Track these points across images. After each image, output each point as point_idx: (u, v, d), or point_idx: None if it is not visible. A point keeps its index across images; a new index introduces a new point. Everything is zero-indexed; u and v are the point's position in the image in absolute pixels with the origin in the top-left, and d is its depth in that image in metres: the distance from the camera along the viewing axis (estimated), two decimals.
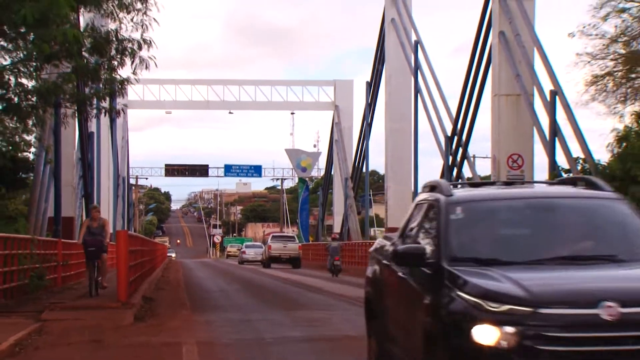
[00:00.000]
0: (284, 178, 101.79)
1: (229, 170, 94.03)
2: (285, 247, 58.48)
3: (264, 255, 61.81)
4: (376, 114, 56.53)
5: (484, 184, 10.05)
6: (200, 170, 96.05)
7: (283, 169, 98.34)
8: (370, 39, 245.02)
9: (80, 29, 21.62)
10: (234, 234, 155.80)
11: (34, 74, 20.80)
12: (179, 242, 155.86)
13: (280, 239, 61.19)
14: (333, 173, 70.86)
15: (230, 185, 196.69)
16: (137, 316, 17.96)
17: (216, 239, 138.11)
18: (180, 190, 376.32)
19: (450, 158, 39.53)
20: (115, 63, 22.02)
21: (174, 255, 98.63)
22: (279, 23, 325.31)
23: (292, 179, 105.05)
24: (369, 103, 56.53)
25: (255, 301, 23.93)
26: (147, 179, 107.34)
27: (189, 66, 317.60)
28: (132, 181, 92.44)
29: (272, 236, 63.50)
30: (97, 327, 15.83)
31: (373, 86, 55.83)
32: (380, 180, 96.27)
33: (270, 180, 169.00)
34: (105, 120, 47.11)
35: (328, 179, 74.44)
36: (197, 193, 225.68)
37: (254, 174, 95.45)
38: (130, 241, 21.92)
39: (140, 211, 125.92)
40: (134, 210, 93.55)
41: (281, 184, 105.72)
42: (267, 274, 45.52)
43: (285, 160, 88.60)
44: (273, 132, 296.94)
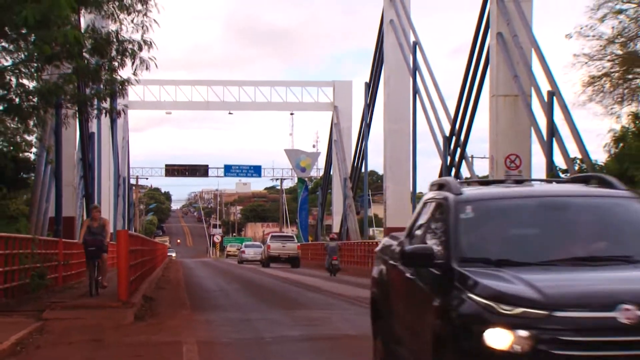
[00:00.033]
0: (283, 178, 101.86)
1: (229, 170, 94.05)
2: (284, 247, 58.48)
3: (263, 254, 61.79)
4: (375, 115, 56.59)
5: (494, 182, 9.71)
6: (200, 171, 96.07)
7: (282, 169, 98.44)
8: (369, 40, 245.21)
9: (81, 30, 21.62)
10: (234, 234, 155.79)
11: (35, 74, 20.81)
12: (179, 242, 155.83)
13: (279, 238, 61.17)
14: (332, 173, 70.86)
15: (230, 185, 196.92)
16: (138, 315, 17.96)
17: (216, 238, 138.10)
18: (181, 190, 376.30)
19: (449, 158, 39.52)
20: (116, 64, 22.02)
21: (174, 254, 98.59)
22: (279, 24, 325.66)
23: (292, 179, 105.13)
24: (367, 104, 56.53)
25: (254, 300, 23.92)
26: (148, 179, 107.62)
27: (189, 67, 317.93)
28: (133, 181, 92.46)
29: (271, 236, 63.49)
30: (98, 326, 15.83)
31: (372, 87, 55.85)
32: (379, 181, 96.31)
33: (270, 180, 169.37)
34: (105, 121, 47.10)
35: (327, 179, 74.43)
36: (197, 193, 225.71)
37: (253, 174, 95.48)
38: (130, 241, 21.91)
39: (140, 211, 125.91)
40: (134, 210, 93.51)
41: (280, 184, 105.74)
42: (267, 273, 45.50)
43: (285, 160, 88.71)
44: (272, 133, 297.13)
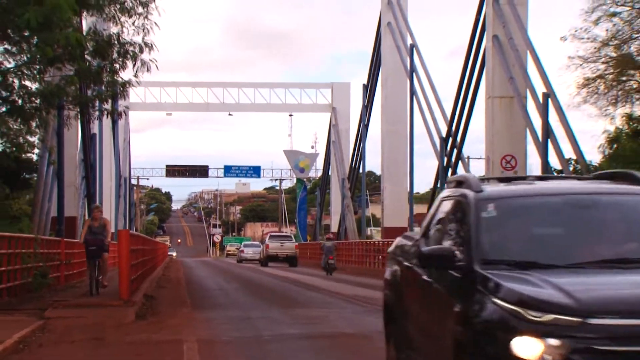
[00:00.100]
0: (282, 178, 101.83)
1: (229, 171, 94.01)
2: (282, 246, 58.58)
3: (261, 254, 61.86)
4: (372, 116, 56.64)
5: (515, 179, 8.95)
6: (201, 171, 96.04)
7: (281, 169, 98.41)
8: (366, 42, 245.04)
9: (83, 33, 21.65)
10: (234, 234, 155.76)
11: (38, 76, 20.80)
12: (179, 242, 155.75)
13: (277, 238, 61.32)
14: (330, 174, 70.91)
15: (230, 185, 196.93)
16: (139, 314, 17.93)
17: (216, 238, 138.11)
18: (181, 190, 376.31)
19: (445, 159, 39.54)
20: (117, 66, 22.01)
21: (174, 254, 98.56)
22: (278, 27, 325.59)
23: (291, 180, 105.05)
24: (365, 105, 56.56)
25: (254, 299, 23.90)
26: (149, 180, 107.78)
27: (189, 69, 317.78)
28: (134, 181, 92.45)
29: (270, 235, 63.68)
30: (100, 325, 15.80)
31: (369, 89, 55.87)
32: (377, 181, 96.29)
33: (269, 180, 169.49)
34: (107, 122, 47.06)
35: (325, 179, 74.45)
36: (197, 193, 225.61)
37: (253, 175, 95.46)
38: (131, 240, 21.88)
39: (141, 211, 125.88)
40: (135, 210, 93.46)
41: (280, 184, 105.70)
42: (265, 272, 45.47)
43: (284, 161, 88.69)
44: (272, 134, 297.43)
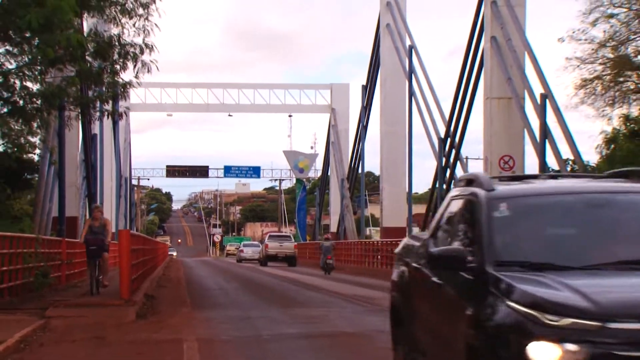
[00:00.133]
0: (282, 179, 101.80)
1: (229, 171, 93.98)
2: (282, 246, 58.72)
3: (261, 253, 61.97)
4: (372, 117, 56.62)
5: (526, 178, 8.54)
6: (201, 171, 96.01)
7: (281, 170, 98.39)
8: (365, 43, 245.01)
9: (84, 34, 21.63)
10: (233, 233, 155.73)
11: (39, 77, 20.78)
12: (180, 242, 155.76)
13: (276, 238, 61.52)
14: (330, 174, 70.91)
15: (230, 185, 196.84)
16: (139, 313, 17.93)
17: (216, 238, 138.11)
18: (181, 190, 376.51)
19: (444, 160, 39.54)
20: (118, 67, 22.01)
21: (175, 253, 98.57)
22: (278, 28, 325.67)
23: (290, 180, 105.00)
24: (364, 106, 56.55)
25: (253, 299, 23.88)
26: (149, 180, 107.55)
27: (190, 70, 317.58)
28: (134, 182, 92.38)
29: (269, 235, 63.86)
30: (100, 324, 15.79)
31: (368, 89, 55.86)
32: (376, 181, 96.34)
33: (269, 181, 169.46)
34: (108, 123, 47.00)
35: (325, 179, 74.44)
36: (198, 193, 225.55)
37: (252, 175, 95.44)
38: (132, 240, 21.87)
39: (142, 211, 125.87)
40: (136, 210, 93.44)
41: (279, 184, 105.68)
42: (265, 272, 45.46)
43: (283, 161, 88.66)
44: (271, 134, 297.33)
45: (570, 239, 7.01)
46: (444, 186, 39.97)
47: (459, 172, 39.73)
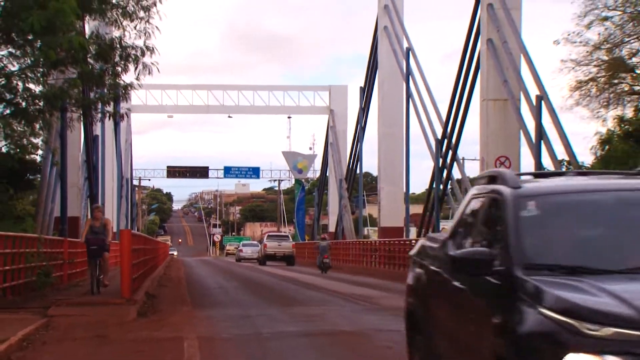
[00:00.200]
0: (281, 179, 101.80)
1: (229, 171, 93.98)
2: (280, 246, 58.91)
3: (260, 253, 62.09)
4: (369, 118, 56.60)
5: (552, 175, 7.95)
6: (201, 172, 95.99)
7: (280, 170, 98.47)
8: (363, 46, 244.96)
9: (86, 37, 21.62)
10: (233, 233, 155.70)
11: (41, 79, 20.77)
12: (180, 241, 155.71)
13: (275, 238, 61.73)
14: (328, 174, 70.87)
15: (230, 186, 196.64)
16: (140, 312, 17.92)
17: (216, 237, 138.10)
18: (182, 191, 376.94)
19: (441, 160, 39.54)
20: (119, 69, 22.00)
21: (175, 253, 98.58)
22: (277, 31, 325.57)
23: (289, 180, 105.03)
24: (362, 107, 56.52)
25: (253, 297, 23.87)
26: (150, 180, 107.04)
27: (190, 72, 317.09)
28: (135, 182, 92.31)
29: (268, 235, 64.04)
30: (102, 323, 15.79)
31: (366, 91, 55.84)
32: (374, 182, 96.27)
33: (268, 181, 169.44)
34: (109, 124, 46.99)
35: (323, 180, 74.43)
36: (198, 194, 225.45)
37: (252, 176, 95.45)
38: (133, 240, 21.87)
39: (143, 211, 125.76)
40: (137, 210, 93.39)
41: (278, 185, 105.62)
42: (264, 271, 45.47)
43: (283, 162, 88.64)
44: (271, 136, 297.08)
45: (605, 240, 6.41)
46: (441, 187, 40.01)
47: (456, 173, 39.80)
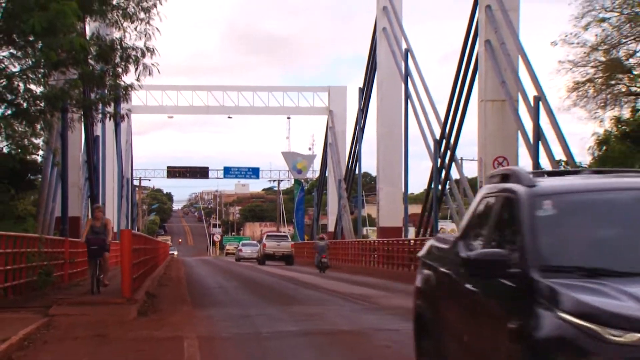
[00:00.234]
0: (280, 180, 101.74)
1: (228, 172, 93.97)
2: (279, 245, 59.00)
3: (259, 253, 62.14)
4: (368, 119, 56.60)
5: (566, 173, 7.52)
6: (201, 172, 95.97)
7: (280, 170, 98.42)
8: (362, 47, 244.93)
9: (87, 38, 21.62)
10: (233, 233, 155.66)
11: (42, 80, 20.78)
12: (180, 241, 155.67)
13: (274, 237, 61.81)
14: (327, 175, 70.87)
15: (229, 186, 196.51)
16: (141, 311, 17.92)
17: (216, 237, 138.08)
18: (182, 191, 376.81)
19: (439, 161, 39.56)
20: (120, 70, 22.01)
21: (175, 253, 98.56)
22: (277, 32, 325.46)
23: (289, 181, 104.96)
24: (361, 108, 56.52)
25: (253, 297, 23.88)
26: (150, 181, 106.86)
27: (190, 73, 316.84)
28: (136, 182, 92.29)
29: (267, 235, 64.12)
30: (102, 322, 15.79)
31: (365, 92, 55.84)
32: (372, 182, 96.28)
33: (268, 181, 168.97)
34: (110, 125, 46.97)
35: (322, 180, 74.43)
36: (198, 194, 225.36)
37: (252, 176, 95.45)
38: (133, 240, 21.86)
39: (143, 211, 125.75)
40: (137, 210, 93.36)
41: (278, 185, 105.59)
42: (263, 270, 45.48)
43: (282, 162, 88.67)
44: (270, 136, 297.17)
45: (624, 240, 6.03)
46: (440, 187, 40.03)
47: (454, 173, 39.84)
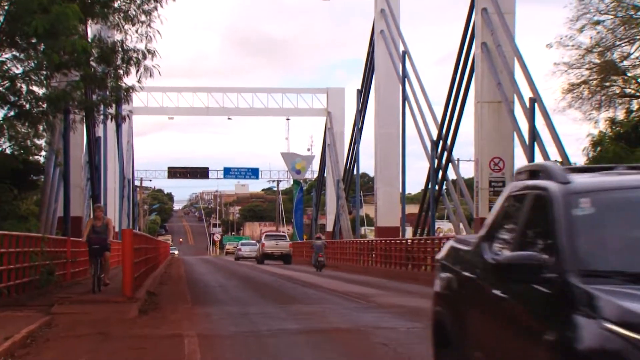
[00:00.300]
0: (279, 180, 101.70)
1: (228, 172, 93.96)
2: (277, 245, 59.13)
3: (258, 252, 62.21)
4: (366, 120, 56.61)
5: (599, 169, 6.50)
6: (201, 173, 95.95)
7: (279, 171, 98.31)
8: (360, 49, 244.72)
9: (88, 40, 21.64)
10: (233, 233, 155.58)
11: (45, 82, 20.80)
12: (181, 241, 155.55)
13: (272, 237, 61.92)
14: (326, 175, 70.88)
15: (229, 186, 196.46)
16: (142, 310, 17.93)
17: (216, 237, 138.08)
18: (182, 191, 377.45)
19: (436, 161, 39.58)
20: (121, 72, 22.03)
21: (176, 252, 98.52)
22: (276, 35, 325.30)
23: (288, 181, 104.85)
24: (359, 109, 56.54)
25: (252, 295, 23.89)
26: (151, 181, 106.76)
27: (190, 75, 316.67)
28: (137, 183, 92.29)
29: (265, 235, 64.22)
30: (104, 320, 15.80)
31: (363, 94, 55.87)
32: (370, 182, 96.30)
33: (267, 182, 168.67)
34: (111, 126, 46.99)
35: (321, 180, 74.44)
36: (198, 194, 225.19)
37: (251, 176, 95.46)
38: (135, 239, 21.89)
39: (144, 211, 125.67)
40: (138, 210, 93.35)
41: (277, 185, 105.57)
42: (262, 269, 45.49)
43: (281, 163, 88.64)
44: (269, 137, 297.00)
45: None
46: (436, 187, 40.05)
47: (451, 173, 39.84)
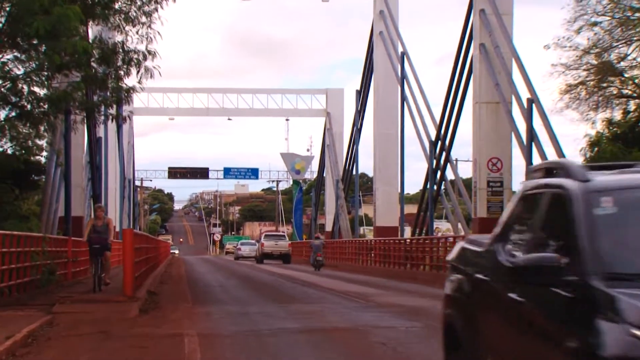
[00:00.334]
0: (279, 180, 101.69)
1: (228, 172, 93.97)
2: (277, 245, 59.17)
3: (257, 251, 62.23)
4: (365, 120, 56.59)
5: (617, 167, 6.06)
6: (201, 173, 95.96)
7: (278, 171, 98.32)
8: (359, 50, 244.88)
9: (89, 41, 21.65)
10: (233, 233, 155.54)
11: (46, 82, 20.80)
12: (181, 240, 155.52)
13: (272, 237, 61.94)
14: (325, 175, 70.88)
15: (229, 186, 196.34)
16: (142, 309, 17.94)
17: (216, 237, 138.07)
18: (183, 191, 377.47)
19: (434, 161, 39.58)
20: (122, 73, 22.03)
21: (177, 252, 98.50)
22: (276, 36, 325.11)
23: (287, 181, 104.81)
24: (358, 110, 56.56)
25: (252, 295, 23.89)
26: (152, 181, 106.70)
27: (191, 75, 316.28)
28: (138, 183, 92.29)
29: (265, 235, 64.28)
30: (105, 319, 15.81)
31: (362, 94, 55.87)
32: (369, 182, 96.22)
33: (267, 182, 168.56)
34: (112, 126, 47.01)
35: (320, 180, 74.44)
36: (198, 194, 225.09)
37: (251, 177, 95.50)
38: (135, 239, 21.89)
39: (145, 211, 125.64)
40: (139, 210, 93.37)
41: (277, 185, 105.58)
42: (262, 269, 45.49)
43: (281, 163, 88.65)
44: (269, 137, 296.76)
45: None
46: (435, 187, 40.06)
47: (449, 174, 39.84)
